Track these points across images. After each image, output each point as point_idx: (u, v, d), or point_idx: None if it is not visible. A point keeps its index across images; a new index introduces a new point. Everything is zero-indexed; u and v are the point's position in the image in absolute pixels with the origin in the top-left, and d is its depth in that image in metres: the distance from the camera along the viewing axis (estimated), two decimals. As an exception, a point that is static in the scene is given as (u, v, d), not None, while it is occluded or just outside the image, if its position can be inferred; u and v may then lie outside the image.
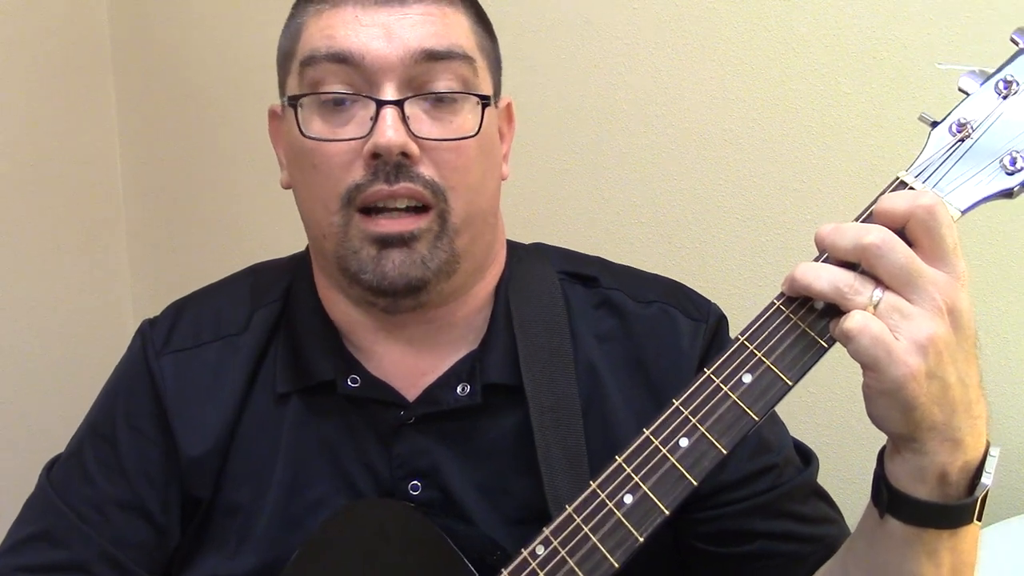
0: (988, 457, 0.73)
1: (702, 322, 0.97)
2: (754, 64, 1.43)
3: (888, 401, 0.70)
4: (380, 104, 0.85)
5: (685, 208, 1.52)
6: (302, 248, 1.05)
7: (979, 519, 0.74)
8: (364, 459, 0.94)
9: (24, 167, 1.98)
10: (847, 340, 0.69)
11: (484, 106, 0.89)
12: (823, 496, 0.97)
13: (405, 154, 0.85)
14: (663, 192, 1.53)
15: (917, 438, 0.71)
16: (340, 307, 0.96)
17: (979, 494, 0.73)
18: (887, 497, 0.74)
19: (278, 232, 1.97)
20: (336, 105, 0.87)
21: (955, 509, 0.73)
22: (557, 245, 1.06)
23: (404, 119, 0.85)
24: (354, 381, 0.94)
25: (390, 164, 0.85)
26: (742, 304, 1.47)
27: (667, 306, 0.98)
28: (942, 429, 0.71)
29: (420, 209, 0.87)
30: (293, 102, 0.88)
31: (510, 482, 0.94)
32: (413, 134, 0.85)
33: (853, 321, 0.69)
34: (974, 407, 0.72)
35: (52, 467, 1.01)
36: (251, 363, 0.97)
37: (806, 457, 0.97)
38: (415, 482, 0.93)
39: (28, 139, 1.99)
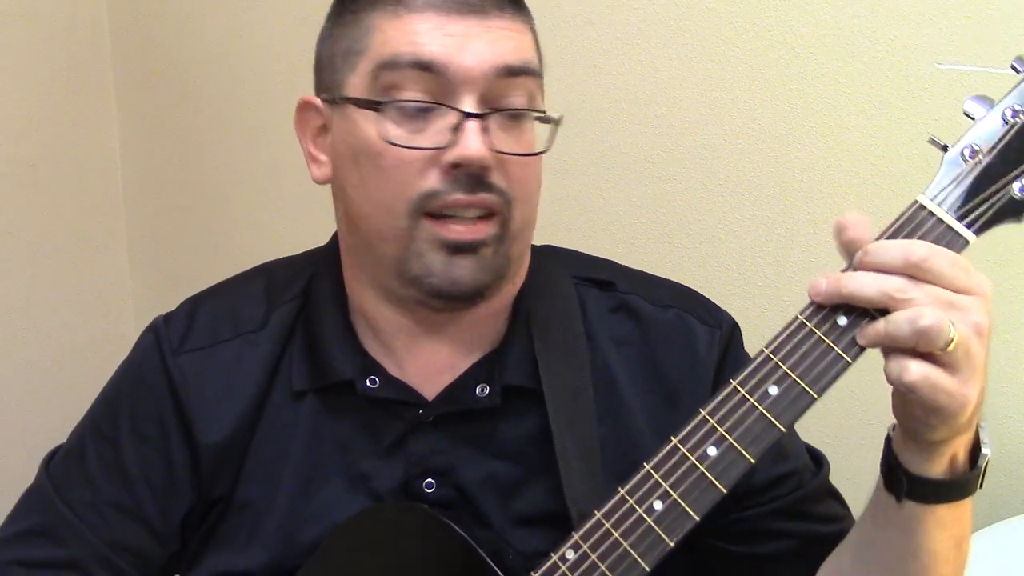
0: (980, 430, 0.79)
1: (717, 329, 0.98)
2: (754, 64, 1.43)
3: (942, 425, 0.75)
4: (466, 116, 0.86)
5: (685, 208, 1.52)
6: (304, 246, 1.05)
7: (981, 486, 0.81)
8: (379, 457, 0.95)
9: (24, 167, 1.99)
10: (911, 392, 0.73)
11: (556, 125, 0.92)
12: (835, 495, 1.00)
13: (483, 166, 0.86)
14: (663, 192, 1.53)
15: (951, 438, 0.77)
16: (372, 305, 0.95)
17: (983, 464, 0.80)
18: (907, 484, 0.79)
19: (279, 231, 1.97)
20: (415, 112, 0.87)
21: (968, 481, 0.80)
22: (559, 246, 1.06)
23: (485, 132, 0.86)
24: (373, 382, 0.94)
25: (470, 175, 0.86)
26: (742, 304, 1.47)
27: (683, 312, 0.99)
28: (969, 425, 0.77)
29: (486, 216, 0.88)
30: (375, 106, 0.87)
31: (526, 483, 0.95)
32: (492, 147, 0.86)
33: (915, 374, 0.72)
34: (983, 397, 0.78)
35: (51, 459, 1.01)
36: (270, 360, 0.97)
37: (817, 460, 1.00)
38: (430, 479, 0.94)
39: (28, 139, 1.99)
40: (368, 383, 0.94)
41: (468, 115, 0.86)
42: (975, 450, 0.80)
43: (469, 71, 0.86)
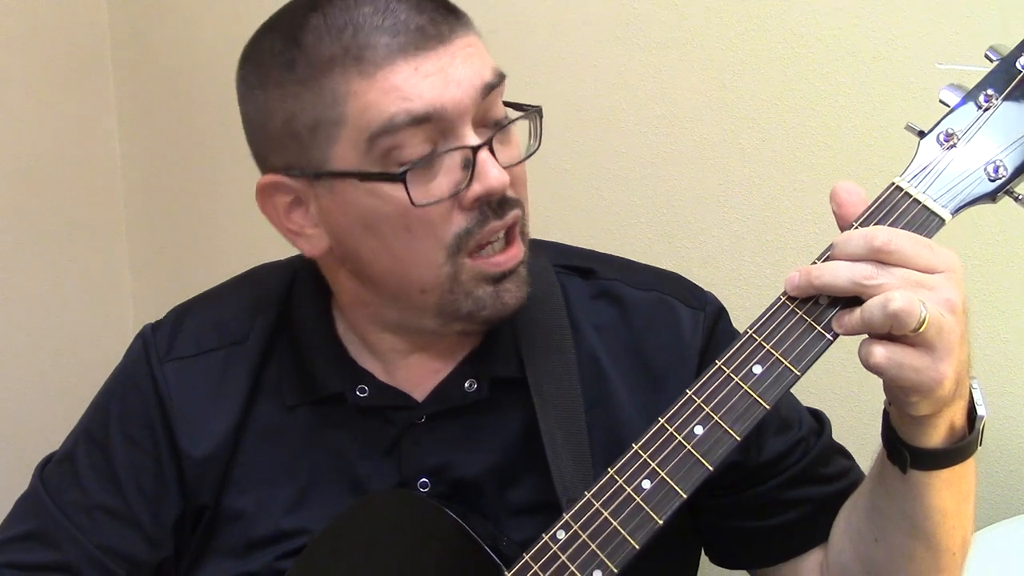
0: (973, 391, 0.81)
1: (700, 311, 0.99)
2: (754, 64, 1.43)
3: (922, 400, 0.76)
4: (475, 150, 0.84)
5: (685, 208, 1.52)
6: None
7: (980, 444, 0.83)
8: (374, 461, 0.95)
9: (24, 167, 1.98)
10: (878, 373, 0.75)
11: (540, 116, 0.91)
12: (840, 451, 1.02)
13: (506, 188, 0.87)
14: (663, 192, 1.53)
15: (938, 411, 0.78)
16: (371, 333, 0.96)
17: (980, 426, 0.81)
18: (909, 456, 0.81)
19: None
20: (423, 164, 0.84)
21: (968, 446, 0.82)
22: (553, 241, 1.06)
23: (494, 155, 0.85)
24: (362, 391, 0.95)
25: (495, 201, 0.86)
26: (742, 303, 1.47)
27: (665, 295, 0.99)
28: (956, 396, 0.79)
29: (511, 233, 0.89)
30: (391, 178, 0.83)
31: (518, 474, 0.95)
32: (503, 166, 0.86)
33: (879, 356, 0.74)
34: (969, 367, 0.80)
35: (46, 465, 1.02)
36: (254, 370, 0.97)
37: (819, 420, 1.01)
38: (424, 479, 0.95)
39: (28, 139, 1.99)
40: (358, 392, 0.95)
41: (477, 148, 0.84)
42: (971, 412, 0.82)
43: (459, 103, 0.84)
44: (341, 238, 0.89)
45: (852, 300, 0.77)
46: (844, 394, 1.40)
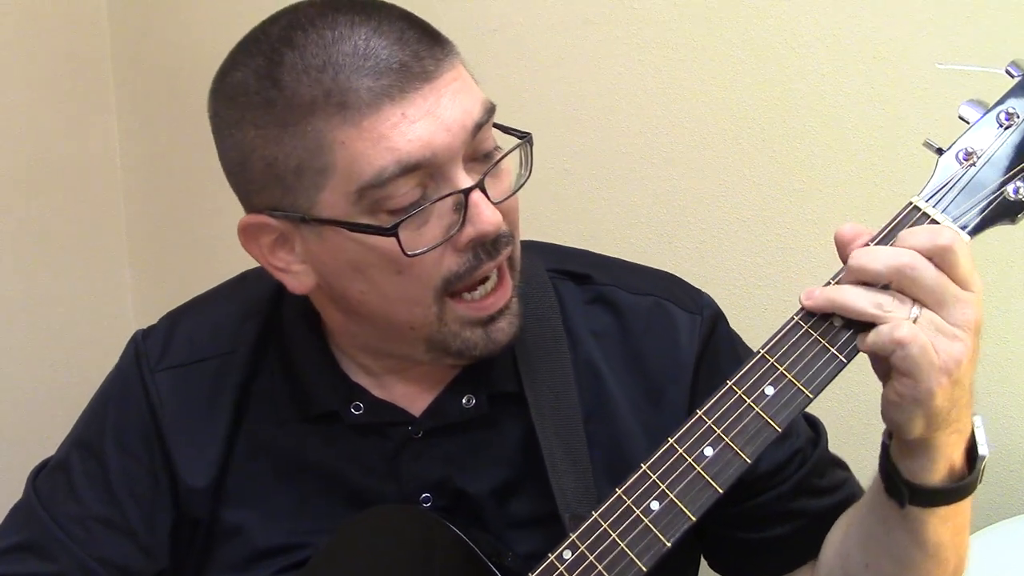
0: (976, 430, 0.81)
1: (698, 315, 0.98)
2: (754, 64, 1.43)
3: (915, 408, 0.75)
4: (466, 193, 0.81)
5: (685, 208, 1.52)
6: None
7: (980, 482, 0.82)
8: (373, 477, 0.94)
9: (24, 167, 1.98)
10: (899, 347, 0.73)
11: (531, 144, 0.88)
12: (837, 463, 1.01)
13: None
14: (663, 192, 1.53)
15: (932, 439, 0.77)
16: (361, 356, 0.95)
17: (980, 467, 0.81)
18: (908, 493, 0.80)
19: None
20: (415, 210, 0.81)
21: (968, 486, 0.81)
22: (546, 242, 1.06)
23: (486, 195, 0.83)
24: (357, 408, 0.94)
25: (489, 241, 0.83)
26: (742, 304, 1.47)
27: (661, 299, 0.98)
28: (952, 425, 0.77)
29: (500, 270, 0.87)
30: (393, 231, 0.79)
31: (519, 487, 0.94)
32: (494, 204, 0.83)
33: (905, 331, 0.73)
34: (971, 398, 0.79)
35: (38, 474, 1.00)
36: (244, 382, 0.96)
37: (815, 428, 1.00)
38: (426, 495, 0.94)
39: (28, 139, 1.99)
40: (352, 410, 0.93)
41: (468, 191, 0.81)
42: (971, 451, 0.81)
43: (450, 148, 0.80)
44: (328, 278, 0.87)
45: (869, 324, 0.76)
46: (843, 394, 1.40)
